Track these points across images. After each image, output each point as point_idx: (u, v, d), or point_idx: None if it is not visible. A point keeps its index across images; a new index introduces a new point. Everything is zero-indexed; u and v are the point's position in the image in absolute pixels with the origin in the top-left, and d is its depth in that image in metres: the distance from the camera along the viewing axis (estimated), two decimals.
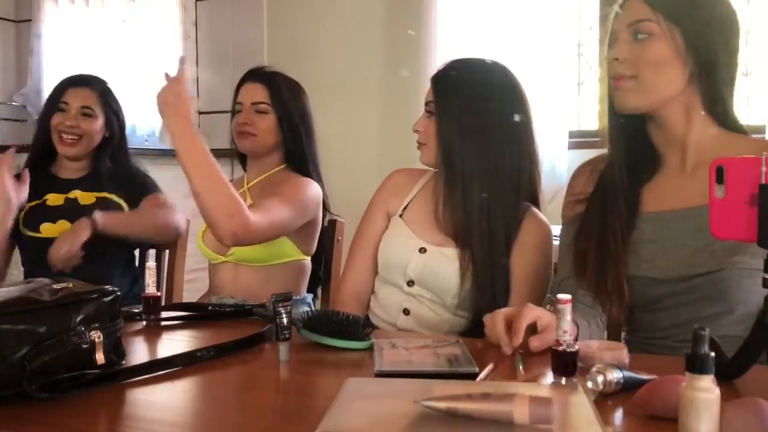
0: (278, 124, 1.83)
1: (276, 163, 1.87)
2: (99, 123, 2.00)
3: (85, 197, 1.98)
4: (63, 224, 1.91)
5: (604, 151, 1.38)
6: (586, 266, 1.25)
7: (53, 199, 1.98)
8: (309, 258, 1.87)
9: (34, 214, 1.96)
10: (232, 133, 1.86)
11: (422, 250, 1.47)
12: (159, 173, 2.12)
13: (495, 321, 1.12)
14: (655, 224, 1.23)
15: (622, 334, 1.35)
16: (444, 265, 1.44)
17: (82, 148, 1.98)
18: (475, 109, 1.45)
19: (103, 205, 1.94)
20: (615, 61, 1.22)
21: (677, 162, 1.25)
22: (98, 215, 1.83)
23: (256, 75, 1.87)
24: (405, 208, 1.55)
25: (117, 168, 2.03)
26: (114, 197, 1.98)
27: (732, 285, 1.14)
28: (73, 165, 2.03)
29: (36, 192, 1.97)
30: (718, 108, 1.21)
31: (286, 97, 1.84)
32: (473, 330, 1.41)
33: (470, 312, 1.45)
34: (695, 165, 1.23)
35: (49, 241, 1.92)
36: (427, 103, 1.49)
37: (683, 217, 1.21)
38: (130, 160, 2.10)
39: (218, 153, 1.94)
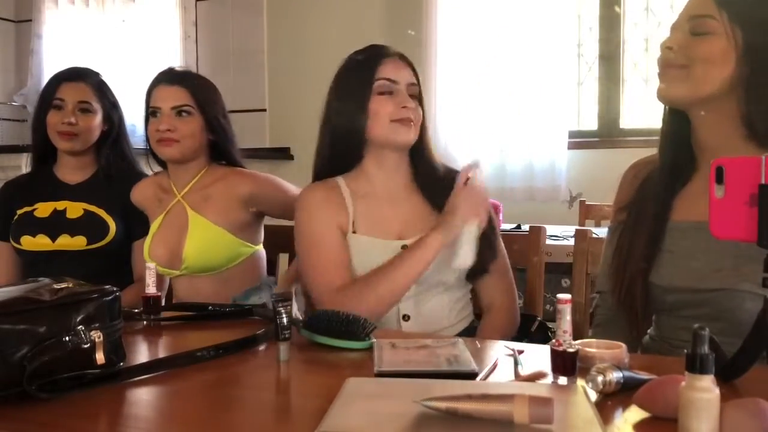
0: (204, 127, 1.75)
1: (202, 165, 1.79)
2: (98, 118, 1.93)
3: (73, 209, 1.89)
4: (42, 239, 1.85)
5: (650, 151, 1.35)
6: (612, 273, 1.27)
7: (42, 209, 1.91)
8: (261, 244, 1.83)
9: (21, 222, 1.91)
10: (148, 139, 1.76)
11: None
12: None
13: None
14: (674, 234, 1.23)
15: (647, 335, 1.34)
16: None
17: (80, 143, 1.91)
18: None
19: (90, 220, 1.88)
20: (668, 49, 1.18)
21: (707, 171, 1.23)
22: None
23: (170, 78, 1.75)
24: (353, 223, 1.50)
25: (119, 172, 1.96)
26: (103, 213, 1.89)
27: (734, 306, 1.13)
28: (75, 163, 1.96)
29: (31, 197, 1.93)
30: (759, 124, 1.14)
31: (211, 98, 1.77)
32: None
33: (474, 269, 1.45)
34: None
35: (30, 254, 1.88)
36: None
37: (697, 229, 1.19)
38: (131, 154, 2.04)
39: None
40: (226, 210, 1.72)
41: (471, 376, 0.97)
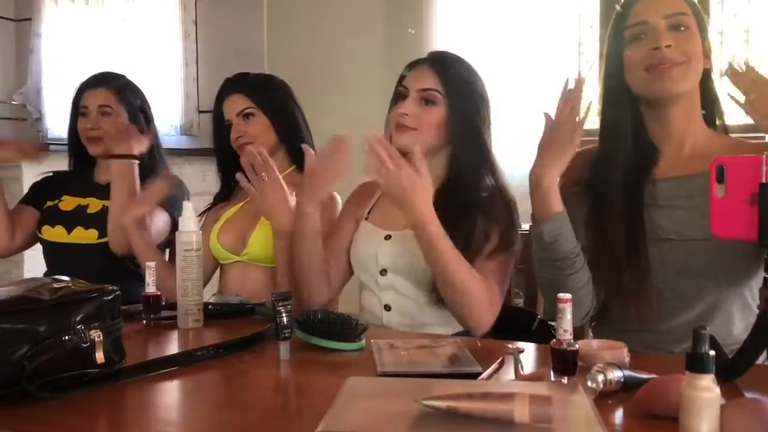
0: (271, 125, 1.80)
1: (282, 167, 1.79)
2: (120, 120, 1.97)
3: (95, 204, 1.97)
4: (59, 230, 1.92)
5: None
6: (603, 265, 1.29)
7: (67, 202, 1.99)
8: None
9: (46, 212, 1.99)
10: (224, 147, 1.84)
11: (387, 237, 1.52)
12: None
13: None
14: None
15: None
16: (411, 244, 1.43)
17: (105, 147, 1.95)
18: (479, 107, 1.64)
19: (106, 215, 1.89)
20: (667, 48, 1.23)
21: (674, 157, 1.30)
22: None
23: (232, 87, 1.83)
24: (369, 211, 1.61)
25: (149, 172, 1.95)
26: None
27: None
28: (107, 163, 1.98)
29: (60, 191, 2.01)
30: (715, 106, 1.31)
31: (272, 96, 1.82)
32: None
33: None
34: (691, 158, 1.28)
35: (49, 245, 1.95)
36: (425, 90, 1.51)
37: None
38: (160, 152, 2.07)
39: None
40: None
41: (473, 376, 0.97)
